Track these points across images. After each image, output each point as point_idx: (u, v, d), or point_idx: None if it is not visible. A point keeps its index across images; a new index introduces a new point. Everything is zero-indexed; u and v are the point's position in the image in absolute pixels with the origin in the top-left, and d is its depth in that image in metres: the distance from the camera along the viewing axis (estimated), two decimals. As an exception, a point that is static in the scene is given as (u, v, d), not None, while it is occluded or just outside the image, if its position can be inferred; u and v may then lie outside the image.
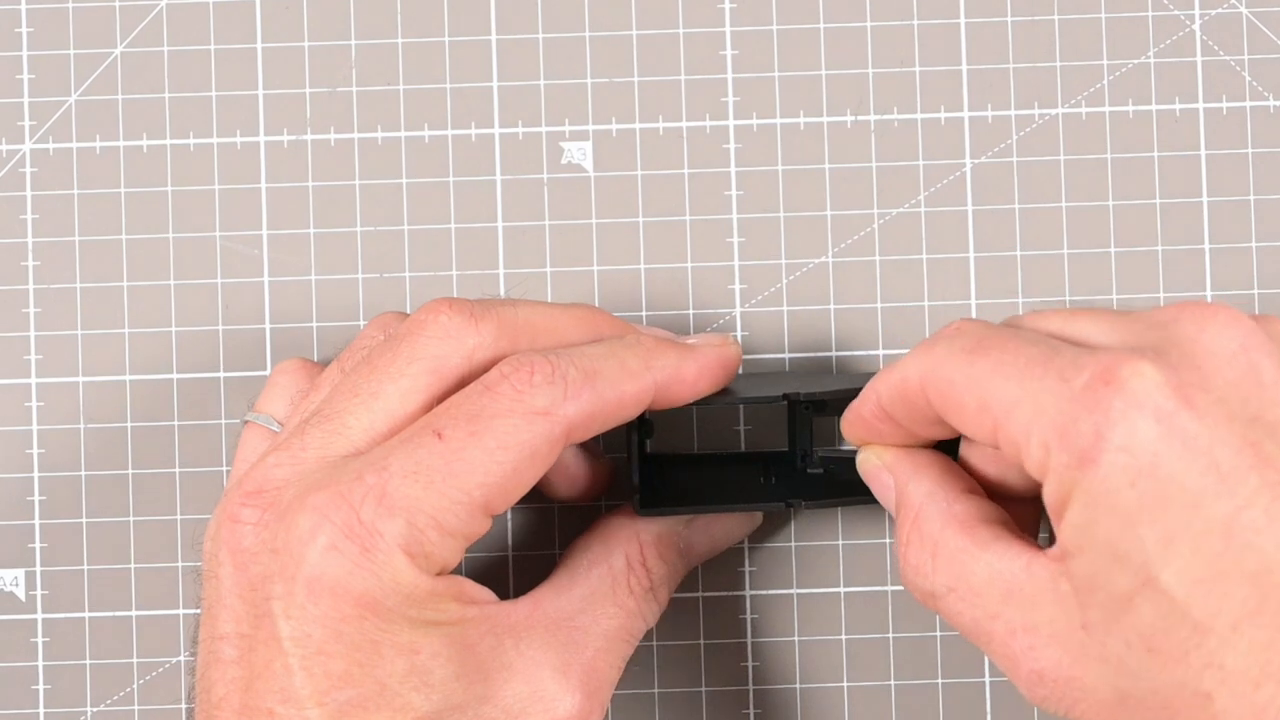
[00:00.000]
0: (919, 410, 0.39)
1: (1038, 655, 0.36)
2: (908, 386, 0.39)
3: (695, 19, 0.48)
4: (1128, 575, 0.35)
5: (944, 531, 0.39)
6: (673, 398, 0.42)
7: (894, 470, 0.41)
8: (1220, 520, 0.34)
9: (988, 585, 0.37)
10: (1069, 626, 0.36)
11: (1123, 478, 0.35)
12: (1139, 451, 0.35)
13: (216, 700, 0.39)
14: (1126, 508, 0.35)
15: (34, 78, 0.48)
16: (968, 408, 0.37)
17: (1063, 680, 0.36)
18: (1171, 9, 0.48)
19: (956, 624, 0.38)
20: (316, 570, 0.38)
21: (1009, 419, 0.36)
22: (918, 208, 0.48)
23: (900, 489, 0.41)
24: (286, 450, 0.40)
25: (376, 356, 0.41)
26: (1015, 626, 0.37)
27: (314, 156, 0.48)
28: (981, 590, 0.37)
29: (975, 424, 0.37)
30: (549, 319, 0.42)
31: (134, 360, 0.48)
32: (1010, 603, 0.37)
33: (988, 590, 0.37)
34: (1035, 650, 0.36)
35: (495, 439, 0.39)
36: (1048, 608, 0.36)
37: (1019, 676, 0.37)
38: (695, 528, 0.45)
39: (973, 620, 0.38)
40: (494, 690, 0.39)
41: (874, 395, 0.41)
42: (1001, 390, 0.37)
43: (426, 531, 0.38)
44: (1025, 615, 0.37)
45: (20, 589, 0.48)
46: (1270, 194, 0.48)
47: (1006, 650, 0.37)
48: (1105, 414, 0.35)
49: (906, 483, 0.40)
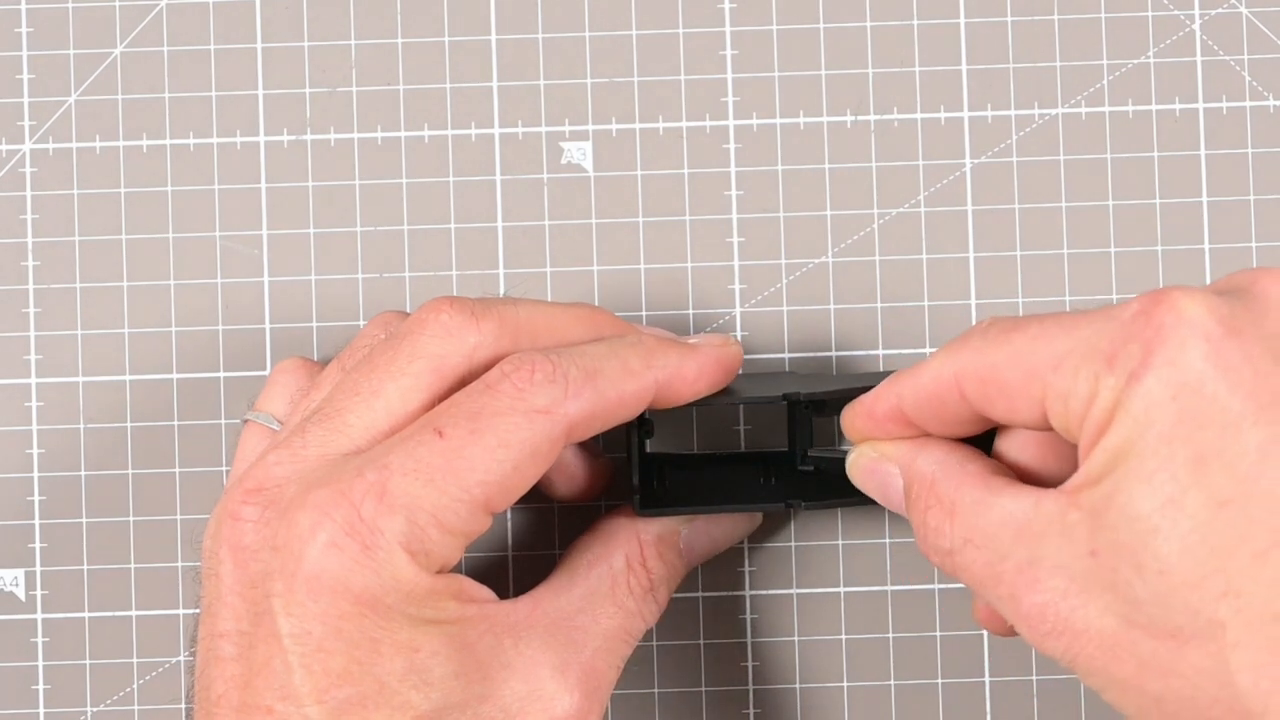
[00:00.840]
0: (949, 409, 0.39)
1: (1041, 587, 0.36)
2: (940, 385, 0.39)
3: (695, 19, 0.48)
4: (1152, 494, 0.34)
5: (960, 489, 0.38)
6: (673, 397, 0.42)
7: (897, 456, 0.41)
8: (1255, 446, 0.34)
9: (1000, 528, 0.37)
10: (1075, 555, 0.35)
11: (1165, 391, 0.34)
12: (1185, 367, 0.34)
13: (215, 698, 0.39)
14: (1164, 422, 0.34)
15: (34, 78, 0.48)
16: (1013, 383, 0.37)
17: (1065, 612, 0.35)
18: (1171, 9, 0.48)
19: (968, 577, 0.38)
20: (317, 567, 0.38)
21: (1058, 372, 0.36)
22: (918, 208, 0.48)
23: (908, 468, 0.40)
24: (287, 448, 0.40)
25: (377, 355, 0.41)
26: (1021, 562, 0.36)
27: (314, 156, 0.48)
28: (994, 534, 0.37)
29: (1023, 397, 0.37)
30: (550, 318, 0.42)
31: (134, 360, 0.48)
32: (1019, 541, 0.36)
33: (1000, 533, 0.37)
34: (1039, 582, 0.36)
35: (496, 437, 0.39)
36: (1054, 538, 0.36)
37: (1021, 614, 0.36)
38: (695, 528, 0.45)
39: (985, 566, 0.37)
40: (493, 689, 0.39)
41: (893, 396, 0.40)
42: (1048, 349, 0.36)
43: (427, 529, 0.38)
44: (1031, 550, 0.36)
45: (20, 589, 0.48)
46: (1270, 194, 0.48)
47: (1012, 589, 0.36)
48: (1156, 331, 0.35)
49: (913, 461, 0.40)
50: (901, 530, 0.48)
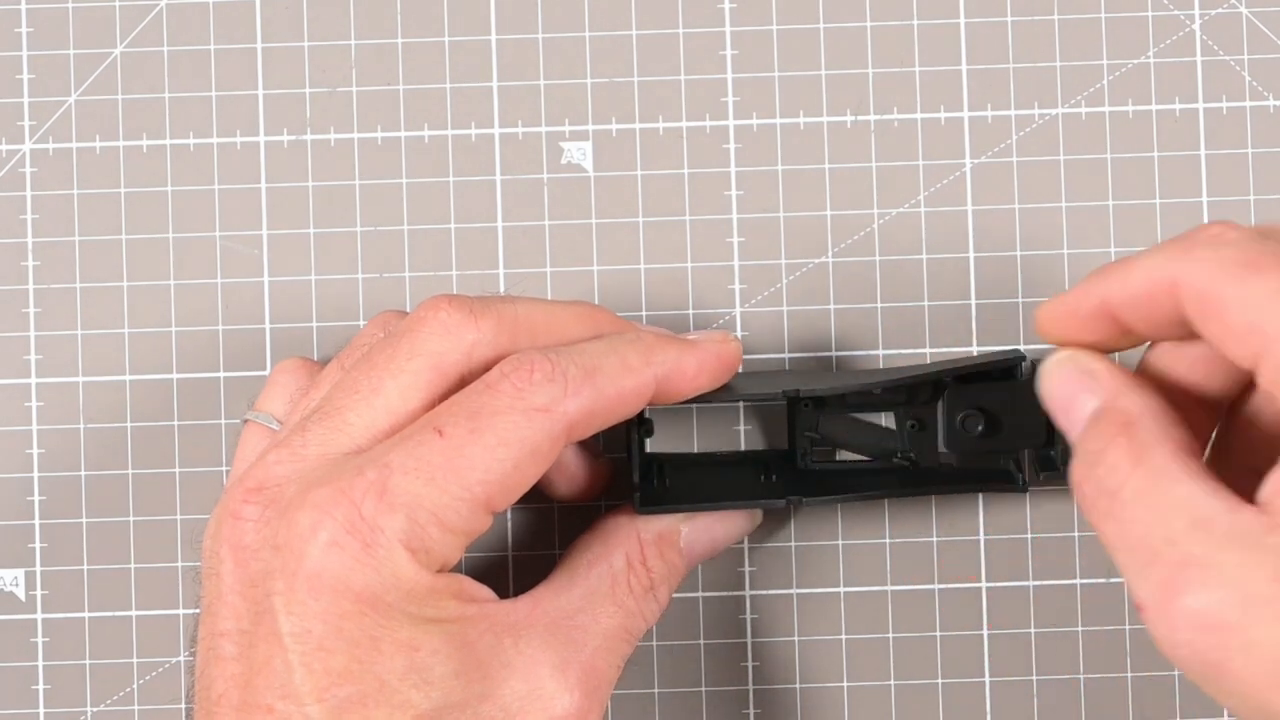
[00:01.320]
0: (1161, 312, 0.37)
1: (1204, 593, 0.33)
2: (1157, 288, 0.37)
3: (695, 19, 0.48)
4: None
5: (1158, 446, 0.36)
6: (673, 393, 0.42)
7: (1106, 380, 0.38)
8: None
9: (1179, 507, 0.35)
10: (1258, 575, 0.33)
11: None
12: None
13: (216, 697, 0.39)
14: None
15: (34, 78, 0.48)
16: (1235, 327, 0.35)
17: (1223, 626, 0.33)
18: (1171, 9, 0.48)
19: (1116, 531, 0.35)
20: (318, 566, 0.38)
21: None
22: (918, 208, 0.48)
23: (1112, 397, 0.38)
24: (287, 447, 0.40)
25: (376, 353, 0.41)
26: (1191, 558, 0.34)
27: (314, 156, 0.48)
28: (1170, 509, 0.35)
29: (1237, 344, 0.35)
30: (548, 315, 0.42)
31: (134, 360, 0.48)
32: (1196, 532, 0.34)
33: (1176, 512, 0.35)
34: (1205, 587, 0.33)
35: (496, 436, 0.39)
36: (1240, 551, 0.33)
37: (1166, 611, 0.34)
38: (695, 526, 0.45)
39: (1143, 534, 0.35)
40: (493, 689, 0.39)
41: (1100, 290, 0.38)
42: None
43: (427, 527, 0.38)
44: (1208, 550, 0.34)
45: (20, 589, 0.48)
46: (1270, 194, 0.48)
47: (1167, 577, 0.34)
48: None
49: (1120, 394, 0.38)
50: (902, 530, 0.48)
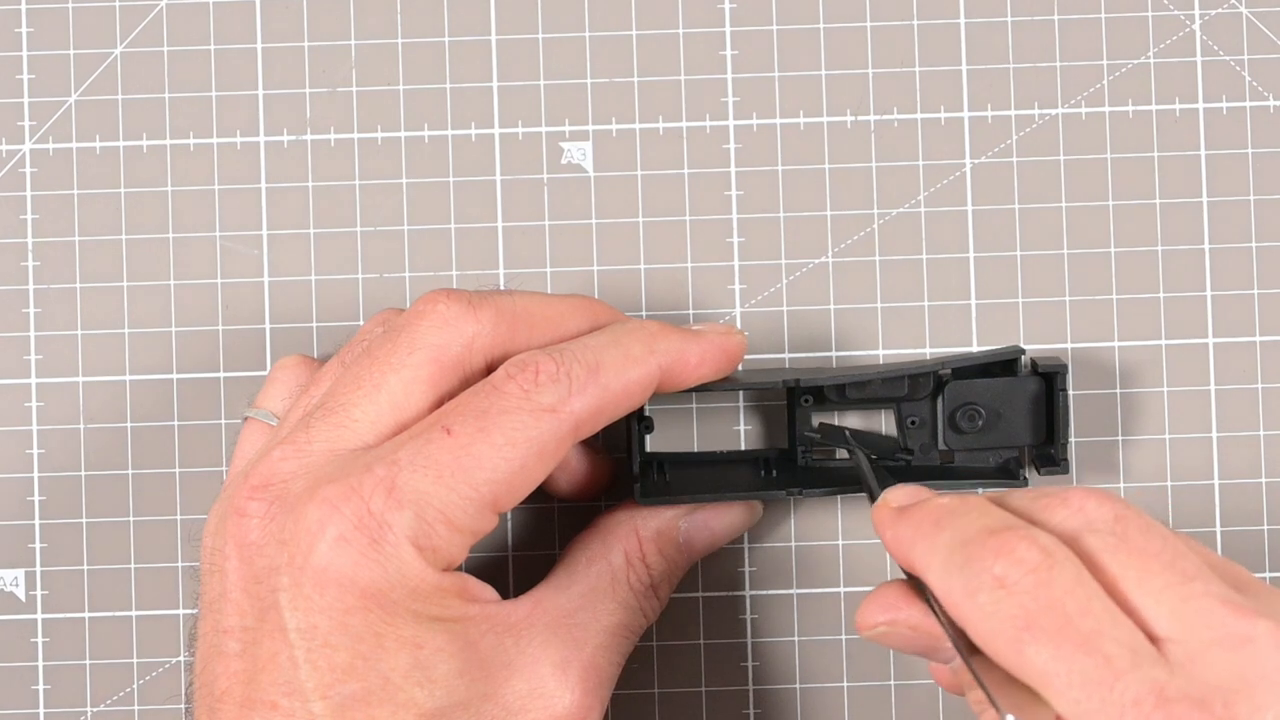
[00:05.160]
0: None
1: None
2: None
3: (695, 19, 0.48)
4: None
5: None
6: (676, 382, 0.42)
7: None
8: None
9: None
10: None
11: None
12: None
13: (219, 693, 0.39)
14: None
15: (34, 78, 0.48)
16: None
17: None
18: (1171, 9, 0.48)
19: None
20: (325, 561, 0.38)
21: None
22: (918, 208, 0.48)
23: None
24: (292, 444, 0.40)
25: (377, 348, 0.41)
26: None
27: (314, 156, 0.48)
28: None
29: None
30: (546, 308, 0.42)
31: (134, 360, 0.48)
32: None
33: None
34: None
35: (504, 435, 0.39)
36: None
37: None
38: (695, 522, 0.45)
39: None
40: (495, 688, 0.39)
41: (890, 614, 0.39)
42: None
43: (435, 525, 0.39)
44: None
45: (20, 589, 0.48)
46: (1270, 194, 0.48)
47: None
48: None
49: None
50: (902, 530, 0.48)
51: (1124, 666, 0.34)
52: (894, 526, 0.38)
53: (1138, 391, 0.48)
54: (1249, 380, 0.48)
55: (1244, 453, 0.48)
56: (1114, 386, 0.48)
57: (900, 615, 0.38)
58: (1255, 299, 0.48)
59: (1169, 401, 0.48)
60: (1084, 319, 0.48)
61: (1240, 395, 0.48)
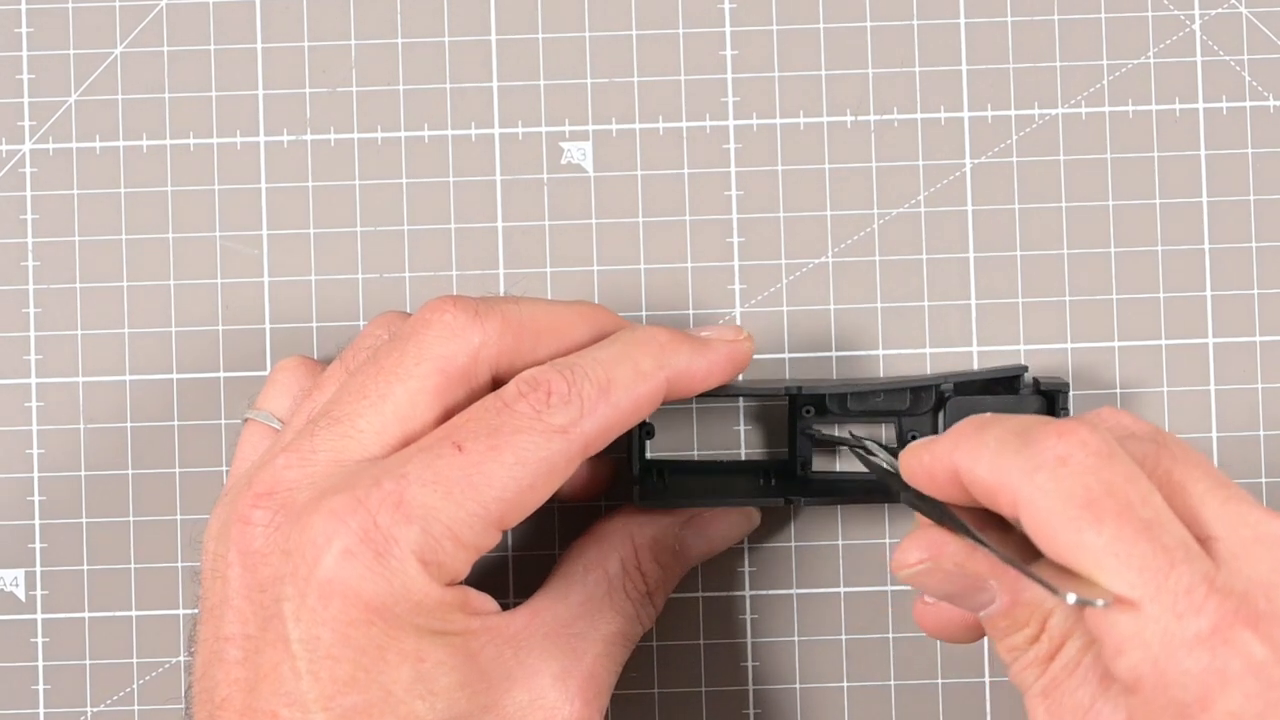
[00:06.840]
0: (998, 506, 0.38)
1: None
2: (999, 492, 0.37)
3: (695, 19, 0.48)
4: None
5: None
6: (682, 394, 0.42)
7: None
8: None
9: None
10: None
11: None
12: None
13: (220, 701, 0.39)
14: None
15: (34, 78, 0.48)
16: (1064, 564, 0.36)
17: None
18: (1171, 9, 0.48)
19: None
20: (330, 573, 0.38)
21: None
22: (918, 208, 0.48)
23: None
24: (296, 452, 0.40)
25: (383, 357, 0.41)
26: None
27: (314, 156, 0.48)
28: None
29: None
30: (552, 316, 0.42)
31: (134, 360, 0.48)
32: None
33: None
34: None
35: (515, 454, 0.39)
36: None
37: None
38: (692, 529, 0.45)
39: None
40: (496, 700, 0.39)
41: (950, 463, 0.39)
42: None
43: (441, 541, 0.38)
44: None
45: (20, 589, 0.48)
46: (1270, 194, 0.48)
47: None
48: None
49: None
50: (901, 531, 0.48)
51: (1180, 557, 0.35)
52: (929, 447, 0.39)
53: (1138, 391, 0.48)
54: (1249, 380, 0.48)
55: (1244, 452, 0.48)
56: (1114, 387, 0.48)
57: (945, 550, 0.38)
58: (1255, 299, 0.48)
59: (1169, 401, 0.48)
60: (1084, 319, 0.48)
61: (1240, 395, 0.48)
